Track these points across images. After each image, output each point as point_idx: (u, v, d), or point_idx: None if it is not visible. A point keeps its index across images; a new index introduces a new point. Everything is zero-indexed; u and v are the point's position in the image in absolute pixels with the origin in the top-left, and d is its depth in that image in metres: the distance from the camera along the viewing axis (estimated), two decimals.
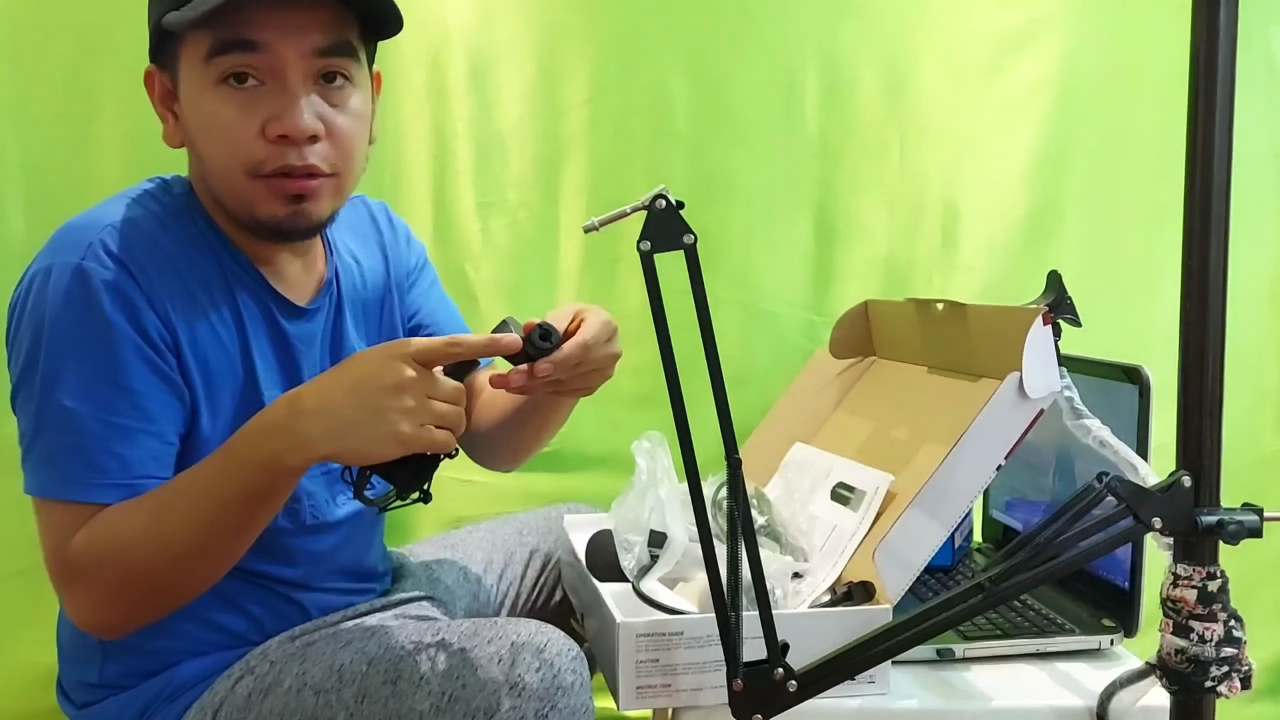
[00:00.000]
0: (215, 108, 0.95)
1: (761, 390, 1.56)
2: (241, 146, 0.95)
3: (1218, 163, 0.81)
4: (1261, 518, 0.83)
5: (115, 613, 0.94)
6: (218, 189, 0.99)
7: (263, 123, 0.95)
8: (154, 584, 0.93)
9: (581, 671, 0.90)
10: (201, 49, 0.94)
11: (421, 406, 0.86)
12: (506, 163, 1.61)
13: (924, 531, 0.99)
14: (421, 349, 0.87)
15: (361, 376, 0.87)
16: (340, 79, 0.98)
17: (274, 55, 0.94)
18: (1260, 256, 1.70)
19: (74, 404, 0.91)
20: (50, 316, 0.92)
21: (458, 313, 1.30)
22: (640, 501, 1.06)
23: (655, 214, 0.83)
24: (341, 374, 0.89)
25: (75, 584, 0.93)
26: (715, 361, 0.83)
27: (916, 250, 1.69)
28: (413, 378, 0.86)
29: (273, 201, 0.97)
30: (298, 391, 0.91)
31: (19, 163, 1.46)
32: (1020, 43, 1.66)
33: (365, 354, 0.90)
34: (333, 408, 0.87)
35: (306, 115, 0.95)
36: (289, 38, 0.94)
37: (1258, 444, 1.72)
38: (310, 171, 0.97)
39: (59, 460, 0.92)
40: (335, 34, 0.97)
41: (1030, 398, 0.99)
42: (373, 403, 0.86)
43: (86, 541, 0.91)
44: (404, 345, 0.88)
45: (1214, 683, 0.83)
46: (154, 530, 0.90)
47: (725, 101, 1.63)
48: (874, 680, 0.98)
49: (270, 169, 0.96)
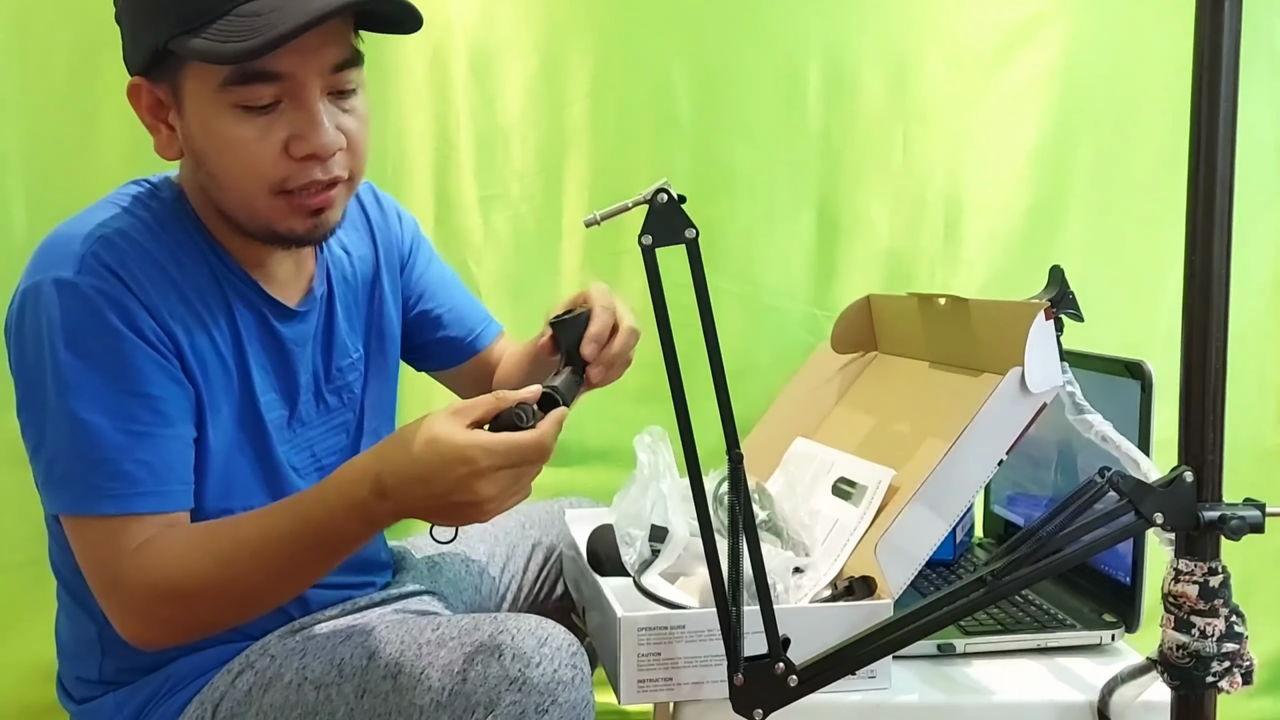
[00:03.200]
0: (231, 129, 0.93)
1: (763, 384, 1.56)
2: (264, 167, 0.93)
3: (1221, 156, 0.81)
4: (1263, 513, 0.83)
5: (165, 638, 0.95)
6: (230, 205, 0.97)
7: (284, 142, 0.93)
8: (211, 623, 0.95)
9: (582, 666, 0.90)
10: (216, 76, 0.91)
11: (504, 500, 0.86)
12: (509, 156, 1.61)
13: (925, 526, 0.99)
14: (503, 459, 0.84)
15: (444, 489, 0.84)
16: (350, 86, 0.97)
17: (294, 82, 0.92)
18: (1263, 251, 1.70)
19: (92, 416, 0.90)
20: (54, 333, 0.90)
21: (459, 281, 1.30)
22: (642, 496, 1.06)
23: (657, 208, 0.82)
24: (421, 481, 0.85)
25: (128, 608, 0.92)
26: (717, 356, 0.83)
27: (919, 244, 1.68)
28: (497, 493, 0.84)
29: (294, 217, 0.97)
30: (379, 478, 0.86)
31: (20, 155, 1.46)
32: (1023, 36, 1.66)
33: (440, 465, 0.84)
34: (418, 507, 0.86)
35: (330, 132, 0.94)
36: (308, 61, 0.92)
37: (1260, 439, 1.72)
38: (333, 182, 0.97)
39: (86, 475, 0.91)
40: (347, 46, 0.96)
41: (1032, 393, 0.99)
42: (458, 510, 0.86)
43: (141, 574, 0.90)
44: (485, 460, 0.84)
45: (1215, 678, 0.83)
46: (219, 579, 0.90)
47: (727, 95, 1.62)
48: (875, 675, 0.98)
49: (295, 186, 0.95)
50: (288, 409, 1.06)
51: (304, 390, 1.07)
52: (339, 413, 1.11)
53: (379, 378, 1.16)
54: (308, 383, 1.07)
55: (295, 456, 1.05)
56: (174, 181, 1.03)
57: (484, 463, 0.83)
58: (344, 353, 1.12)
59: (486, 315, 1.30)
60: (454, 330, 1.26)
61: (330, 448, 1.10)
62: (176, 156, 0.99)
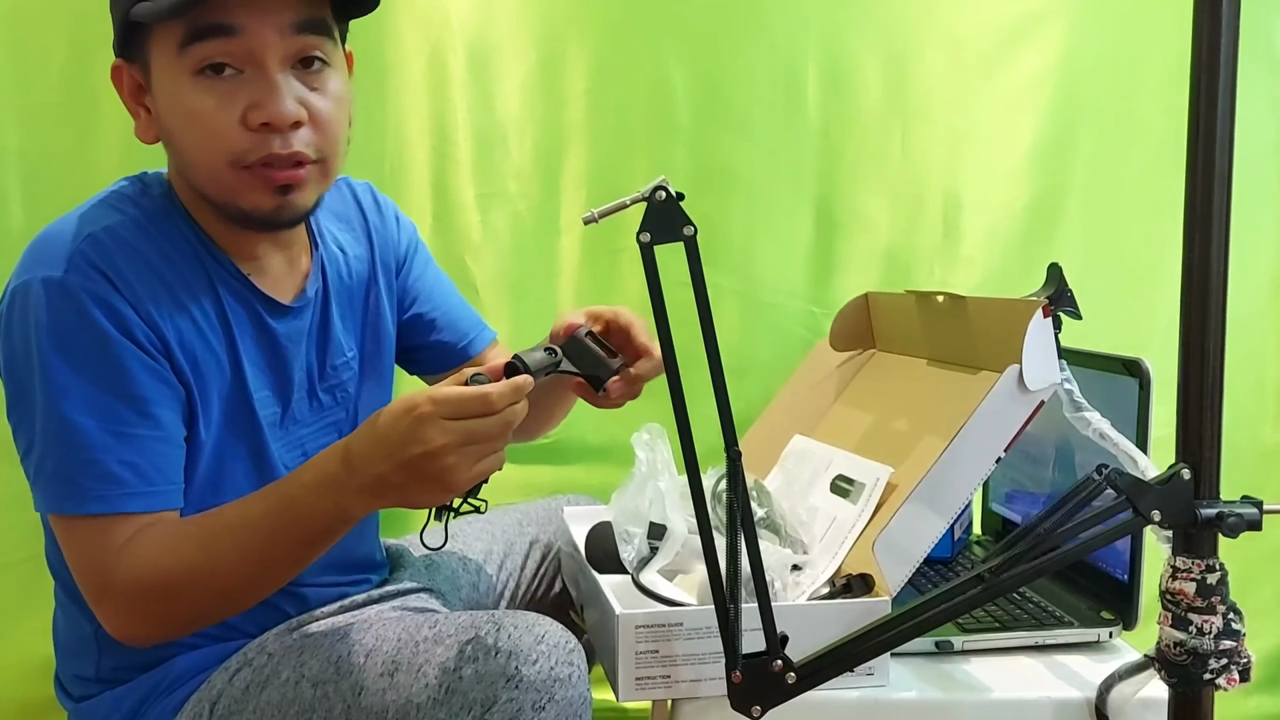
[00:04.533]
0: (193, 99, 0.93)
1: (762, 382, 1.56)
2: (223, 137, 0.93)
3: (1219, 154, 0.81)
4: (1261, 510, 0.83)
5: (156, 633, 0.95)
6: (200, 182, 0.97)
7: (243, 111, 0.93)
8: (200, 613, 0.95)
9: (579, 663, 0.90)
10: (174, 39, 0.92)
11: (464, 460, 0.85)
12: (507, 154, 1.61)
13: (923, 524, 0.99)
14: (448, 408, 0.85)
15: (399, 446, 0.85)
16: (318, 62, 0.96)
17: (251, 38, 0.92)
18: (1262, 249, 1.70)
19: (80, 417, 0.90)
20: (41, 332, 0.90)
21: (454, 289, 1.30)
22: (640, 493, 1.06)
23: (655, 205, 0.82)
24: (377, 442, 0.86)
25: (117, 605, 0.92)
26: (715, 353, 0.83)
27: (918, 242, 1.69)
28: (446, 443, 0.84)
29: (258, 193, 0.96)
30: (349, 454, 0.88)
31: (17, 151, 1.46)
32: (1022, 34, 1.66)
33: (392, 421, 0.85)
34: (381, 475, 0.86)
35: (288, 101, 0.93)
36: (265, 16, 0.92)
37: (1258, 437, 1.72)
38: (296, 159, 0.95)
39: (73, 476, 0.91)
40: (309, 8, 0.95)
41: (1030, 390, 0.99)
42: (416, 470, 0.85)
43: (130, 567, 0.90)
44: (433, 408, 0.84)
45: (1212, 675, 0.83)
46: (204, 565, 0.91)
47: (726, 92, 1.62)
48: (873, 672, 0.98)
49: (254, 159, 0.94)
50: (281, 406, 1.05)
51: (297, 388, 1.07)
52: (332, 411, 1.11)
53: (374, 378, 1.16)
54: (301, 380, 1.07)
55: (287, 454, 1.05)
56: (165, 178, 1.03)
57: (426, 408, 0.84)
58: (338, 351, 1.11)
59: (480, 322, 1.30)
60: (447, 335, 1.26)
61: (322, 447, 1.09)
62: (154, 139, 0.99)
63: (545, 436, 1.40)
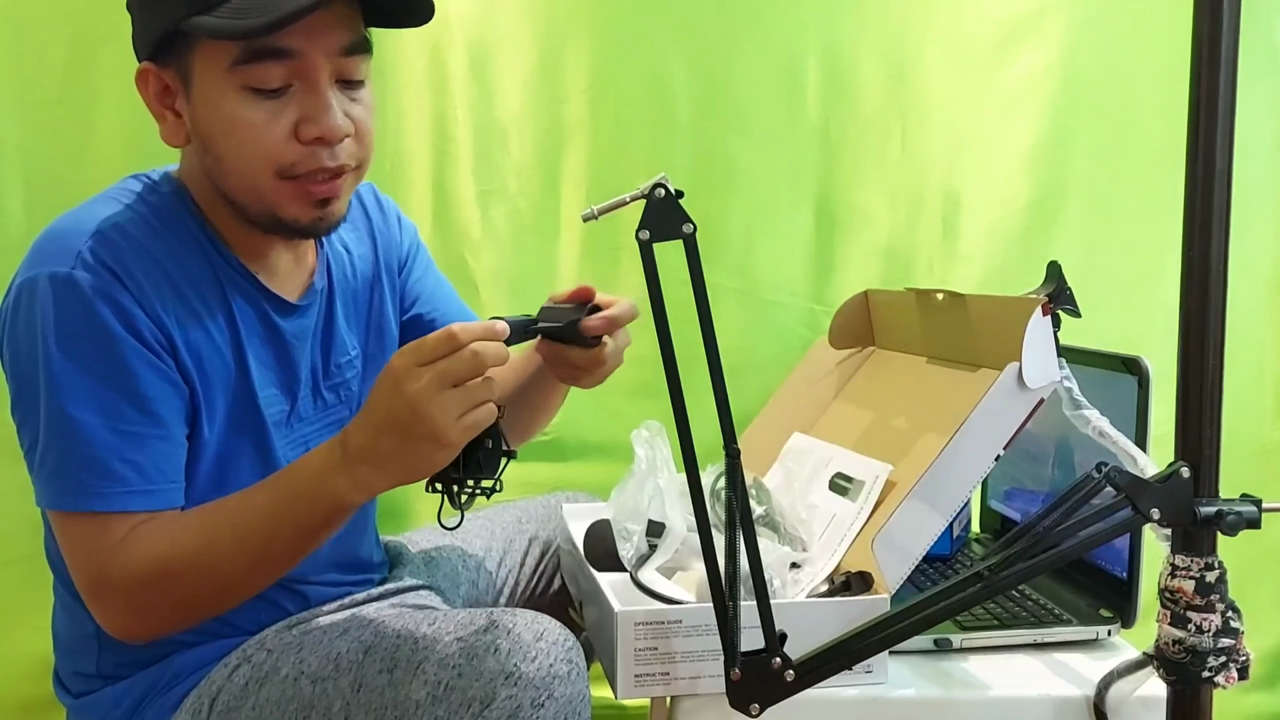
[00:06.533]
0: (240, 110, 0.93)
1: (761, 379, 1.56)
2: (272, 149, 0.94)
3: (1219, 152, 0.81)
4: (1260, 509, 0.83)
5: (153, 627, 0.96)
6: (234, 189, 0.97)
7: (293, 125, 0.94)
8: (198, 605, 0.95)
9: (577, 661, 0.90)
10: (227, 56, 0.92)
11: (446, 406, 0.84)
12: (507, 151, 1.61)
13: (922, 521, 0.99)
14: (415, 355, 0.86)
15: (384, 409, 0.86)
16: (359, 78, 0.98)
17: (305, 61, 0.93)
18: (1261, 247, 1.70)
19: (83, 414, 0.90)
20: (46, 328, 0.90)
21: (454, 292, 1.30)
22: (639, 491, 1.06)
23: (654, 203, 0.82)
24: (366, 413, 0.88)
25: (114, 599, 0.93)
26: (714, 351, 0.83)
27: (917, 240, 1.68)
28: (420, 387, 0.84)
29: (300, 205, 0.97)
30: (346, 433, 0.89)
31: (18, 149, 1.45)
32: (1022, 32, 1.66)
33: (374, 390, 0.88)
34: (375, 447, 0.87)
35: (340, 116, 0.95)
36: (317, 41, 0.93)
37: (1257, 435, 1.72)
38: (340, 171, 0.97)
39: (74, 472, 0.91)
40: (355, 31, 0.96)
41: (1029, 388, 0.99)
42: (403, 426, 0.85)
43: (129, 559, 0.91)
44: (402, 359, 0.86)
45: (1211, 673, 0.83)
46: (204, 557, 0.91)
47: (726, 90, 1.62)
48: (871, 670, 0.98)
49: (302, 171, 0.95)
50: (288, 404, 1.06)
51: (303, 385, 1.07)
52: (335, 410, 1.11)
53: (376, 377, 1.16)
54: (306, 378, 1.07)
55: (292, 453, 1.05)
56: (174, 176, 1.03)
57: (396, 361, 0.86)
58: (342, 349, 1.12)
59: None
60: None
61: None
62: (183, 143, 0.99)
63: (543, 434, 1.40)
